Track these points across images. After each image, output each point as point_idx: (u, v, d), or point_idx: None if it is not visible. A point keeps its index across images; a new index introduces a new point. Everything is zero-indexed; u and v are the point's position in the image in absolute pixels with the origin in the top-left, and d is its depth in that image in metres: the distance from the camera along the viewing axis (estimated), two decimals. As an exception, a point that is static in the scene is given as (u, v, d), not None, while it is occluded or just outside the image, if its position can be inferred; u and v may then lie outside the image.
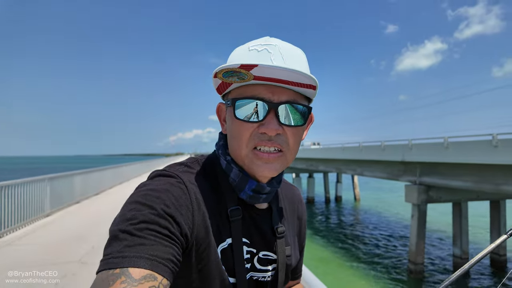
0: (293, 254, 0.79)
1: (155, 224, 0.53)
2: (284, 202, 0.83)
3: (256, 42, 0.65)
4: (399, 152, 13.15)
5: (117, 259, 0.49)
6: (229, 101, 0.65)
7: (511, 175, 9.26)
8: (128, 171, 18.70)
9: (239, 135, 0.64)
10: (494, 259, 13.53)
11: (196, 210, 0.61)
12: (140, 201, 0.57)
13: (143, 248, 0.50)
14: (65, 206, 8.92)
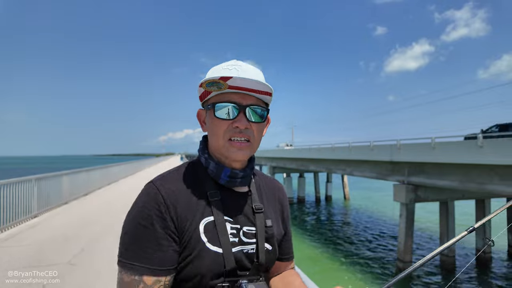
0: (275, 226, 0.93)
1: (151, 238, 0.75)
2: (263, 188, 0.99)
3: (227, 63, 0.85)
4: (388, 152, 13.35)
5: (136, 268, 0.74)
6: (210, 105, 0.84)
7: (495, 174, 9.51)
8: (118, 171, 18.48)
9: (218, 130, 0.83)
10: (480, 256, 13.85)
11: (171, 207, 0.77)
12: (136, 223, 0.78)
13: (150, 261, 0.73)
14: (53, 207, 8.77)
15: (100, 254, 4.84)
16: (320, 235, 18.99)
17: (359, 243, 17.37)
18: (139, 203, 0.79)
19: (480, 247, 13.88)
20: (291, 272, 1.02)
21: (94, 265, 4.31)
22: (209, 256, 0.76)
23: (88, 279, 3.87)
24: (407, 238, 12.87)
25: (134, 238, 0.76)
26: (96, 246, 5.29)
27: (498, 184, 9.50)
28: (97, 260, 4.54)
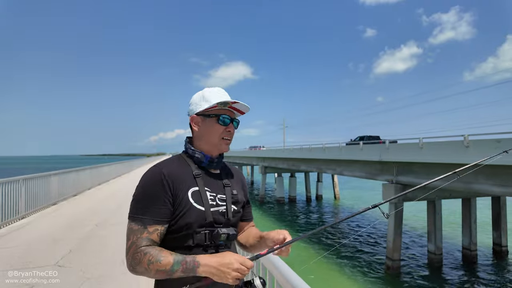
0: (239, 195, 1.33)
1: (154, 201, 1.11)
2: (230, 172, 1.39)
3: (221, 90, 1.31)
4: (377, 152, 13.53)
5: (143, 219, 1.09)
6: (213, 115, 1.25)
7: (481, 174, 9.74)
8: (108, 171, 18.30)
9: (217, 132, 1.26)
10: (466, 254, 14.17)
11: (169, 181, 1.14)
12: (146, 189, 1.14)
13: (152, 215, 1.10)
14: (41, 207, 8.67)
15: (88, 255, 4.82)
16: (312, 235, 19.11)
17: (349, 242, 17.56)
18: (148, 177, 1.15)
19: (466, 245, 14.18)
20: (252, 227, 1.45)
21: (82, 267, 4.29)
22: (195, 212, 1.14)
23: (76, 280, 3.86)
24: (396, 236, 13.06)
25: (143, 199, 1.12)
26: (85, 247, 5.27)
27: (484, 183, 9.73)
28: (86, 262, 4.52)
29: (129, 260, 1.08)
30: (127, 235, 1.10)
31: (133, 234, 1.08)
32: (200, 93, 1.30)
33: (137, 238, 1.07)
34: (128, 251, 1.08)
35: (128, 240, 1.09)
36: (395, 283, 12.13)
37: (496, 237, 15.07)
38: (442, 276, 12.65)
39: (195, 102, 1.29)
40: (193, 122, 1.29)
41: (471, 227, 14.04)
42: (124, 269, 4.22)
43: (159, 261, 1.03)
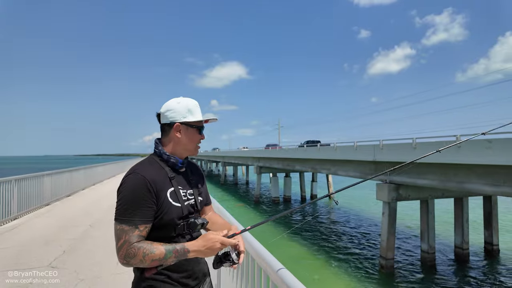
0: (202, 189, 1.59)
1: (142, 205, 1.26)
2: (193, 169, 1.61)
3: (197, 104, 1.50)
4: (371, 152, 13.62)
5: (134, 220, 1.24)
6: (194, 126, 1.46)
7: (472, 173, 9.87)
8: (102, 171, 18.18)
9: (196, 140, 1.50)
10: (458, 253, 14.35)
11: (153, 186, 1.30)
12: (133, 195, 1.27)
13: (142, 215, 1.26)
14: (34, 208, 8.60)
15: (82, 256, 4.80)
16: (305, 234, 19.20)
17: (343, 241, 17.67)
18: (133, 184, 1.28)
19: (459, 244, 14.36)
20: (215, 214, 1.69)
21: (76, 268, 4.28)
22: (175, 209, 1.35)
23: (69, 281, 3.84)
24: (390, 235, 13.17)
25: (131, 203, 1.25)
26: (79, 248, 5.24)
27: (476, 183, 9.85)
28: (80, 263, 4.50)
29: (122, 256, 1.21)
30: (118, 235, 1.23)
31: (124, 233, 1.23)
32: (184, 103, 1.45)
33: (129, 236, 1.22)
34: (121, 248, 1.22)
35: (120, 239, 1.23)
36: (389, 282, 12.24)
37: (488, 236, 15.28)
38: (434, 275, 12.79)
39: (179, 111, 1.44)
40: (176, 130, 1.44)
41: (463, 226, 14.21)
42: (119, 270, 4.22)
43: (152, 252, 1.21)
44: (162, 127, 1.49)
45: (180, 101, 1.45)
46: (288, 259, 14.51)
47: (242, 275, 2.23)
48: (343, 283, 12.15)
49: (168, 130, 1.45)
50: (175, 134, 1.44)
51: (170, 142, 1.46)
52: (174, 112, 1.43)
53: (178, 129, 1.44)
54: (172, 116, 1.43)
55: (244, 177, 56.64)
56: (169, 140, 1.46)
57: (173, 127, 1.43)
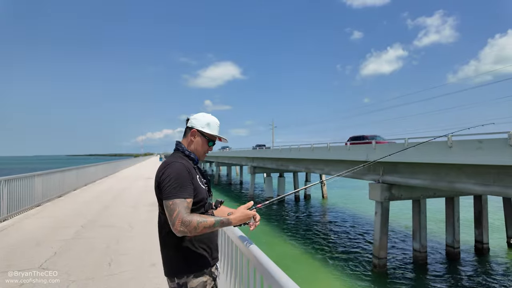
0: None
1: (187, 183, 1.61)
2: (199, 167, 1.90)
3: (218, 123, 1.89)
4: (364, 152, 13.72)
5: (185, 195, 1.57)
6: (207, 138, 1.86)
7: (463, 173, 10.01)
8: (94, 172, 17.99)
9: (205, 148, 1.87)
10: (449, 251, 14.53)
11: (189, 170, 1.65)
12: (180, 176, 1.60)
13: (189, 192, 1.60)
14: (24, 209, 8.47)
15: (74, 258, 4.74)
16: (300, 234, 19.26)
17: (337, 240, 17.77)
18: (177, 169, 1.60)
19: (450, 243, 14.55)
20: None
21: (68, 269, 4.23)
22: (203, 190, 1.73)
23: (61, 283, 3.80)
24: (382, 235, 13.28)
25: (178, 183, 1.56)
26: (70, 249, 5.18)
27: (466, 182, 9.99)
28: (71, 264, 4.45)
29: (178, 224, 1.48)
30: (172, 209, 1.51)
31: (177, 206, 1.51)
32: (207, 118, 1.85)
33: (182, 208, 1.51)
34: (176, 218, 1.48)
35: (174, 211, 1.50)
36: (381, 281, 12.34)
37: (478, 235, 15.50)
38: (426, 273, 12.94)
39: (200, 122, 1.83)
40: (192, 134, 1.83)
41: (454, 225, 14.40)
42: (111, 271, 4.18)
43: (205, 221, 1.52)
44: (185, 130, 1.88)
45: (205, 115, 1.86)
46: (282, 258, 14.55)
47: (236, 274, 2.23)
48: (336, 283, 12.21)
49: (187, 132, 1.84)
50: (190, 137, 1.82)
51: (187, 143, 1.84)
52: (197, 121, 1.83)
53: (194, 134, 1.82)
54: (194, 123, 1.83)
55: (238, 177, 56.57)
56: (187, 141, 1.84)
57: (191, 131, 1.82)
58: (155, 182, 1.66)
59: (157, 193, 1.65)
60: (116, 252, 4.97)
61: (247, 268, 1.94)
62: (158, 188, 1.62)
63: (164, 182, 1.57)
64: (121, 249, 5.15)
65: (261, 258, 1.64)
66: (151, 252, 4.87)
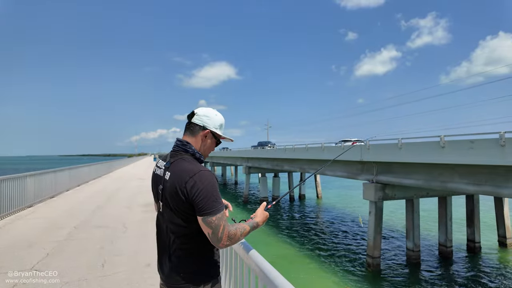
0: None
1: (219, 194, 1.47)
2: None
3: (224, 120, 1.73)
4: (358, 152, 13.80)
5: (221, 208, 1.45)
6: (217, 139, 1.70)
7: (456, 173, 10.12)
8: (88, 172, 17.82)
9: (212, 148, 1.71)
10: (442, 250, 14.68)
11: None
12: (214, 187, 1.47)
13: (222, 203, 1.48)
14: (15, 210, 8.36)
15: (67, 259, 4.69)
16: (294, 234, 19.31)
17: (331, 240, 17.84)
18: (209, 179, 1.44)
19: (442, 242, 14.70)
20: None
21: (60, 271, 4.18)
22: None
23: (53, 284, 3.76)
24: (376, 234, 13.37)
25: (215, 193, 1.43)
26: (63, 250, 5.13)
27: (459, 182, 10.11)
28: (64, 265, 4.40)
29: (226, 239, 1.42)
30: (217, 224, 1.41)
31: (221, 220, 1.42)
32: (220, 117, 1.69)
33: (225, 221, 1.44)
34: (223, 232, 1.41)
35: (219, 226, 1.41)
36: (375, 280, 12.43)
37: (470, 234, 15.70)
38: (419, 272, 13.06)
39: (214, 122, 1.66)
40: (204, 134, 1.64)
41: (447, 225, 14.56)
42: (105, 272, 4.15)
43: (245, 230, 1.52)
44: (191, 125, 1.65)
45: (217, 114, 1.69)
46: (277, 258, 14.57)
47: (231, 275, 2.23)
48: (330, 282, 12.27)
49: (197, 131, 1.63)
50: (203, 137, 1.64)
51: (197, 143, 1.63)
52: (210, 120, 1.64)
53: (206, 135, 1.64)
54: (208, 122, 1.64)
55: (233, 177, 56.49)
56: (197, 141, 1.63)
57: (203, 131, 1.63)
58: (178, 189, 1.44)
59: (179, 204, 1.45)
60: (110, 253, 4.93)
61: (242, 269, 1.94)
62: (183, 198, 1.43)
63: (201, 196, 1.40)
64: (115, 249, 5.11)
65: (257, 259, 1.64)
66: (145, 252, 4.83)
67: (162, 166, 1.61)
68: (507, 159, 8.00)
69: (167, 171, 1.53)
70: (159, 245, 1.63)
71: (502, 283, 12.14)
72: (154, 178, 1.65)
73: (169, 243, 1.54)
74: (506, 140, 8.03)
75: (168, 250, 1.54)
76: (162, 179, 1.55)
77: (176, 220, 1.49)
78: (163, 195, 1.53)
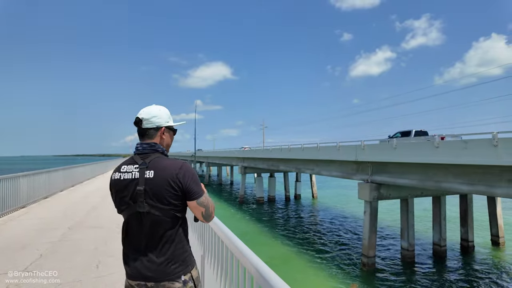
0: None
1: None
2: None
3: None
4: (353, 152, 13.86)
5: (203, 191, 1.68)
6: (172, 129, 1.82)
7: (450, 173, 10.21)
8: (82, 172, 17.69)
9: (172, 140, 1.83)
10: (436, 249, 14.80)
11: None
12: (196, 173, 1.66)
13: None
14: (8, 211, 8.26)
15: (61, 260, 4.65)
16: (290, 233, 19.33)
17: (326, 240, 17.90)
18: (192, 168, 1.64)
19: (437, 241, 14.82)
20: None
21: (54, 272, 4.13)
22: None
23: (47, 286, 3.72)
24: (371, 234, 13.44)
25: (198, 179, 1.66)
26: (57, 251, 5.08)
27: (452, 182, 10.20)
28: (58, 266, 4.36)
29: (213, 211, 1.71)
30: (207, 202, 1.66)
31: (208, 199, 1.67)
32: (165, 110, 1.77)
33: (209, 199, 1.69)
34: (212, 206, 1.69)
35: (209, 202, 1.67)
36: (370, 279, 12.49)
37: (464, 233, 15.85)
38: (414, 271, 13.15)
39: (163, 118, 1.73)
40: (163, 133, 1.73)
41: (441, 224, 14.68)
42: (99, 273, 4.11)
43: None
44: (145, 131, 1.69)
45: (161, 108, 1.75)
46: (273, 258, 14.57)
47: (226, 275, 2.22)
48: (326, 282, 12.30)
49: (154, 133, 1.70)
50: (161, 136, 1.72)
51: (158, 142, 1.72)
52: (160, 119, 1.71)
53: (163, 132, 1.73)
54: (159, 121, 1.70)
55: (228, 178, 56.41)
56: (157, 140, 1.71)
57: (159, 130, 1.71)
58: (170, 182, 1.54)
59: (170, 195, 1.54)
60: (104, 254, 4.89)
61: (238, 269, 1.94)
62: (177, 188, 1.55)
63: (192, 183, 1.59)
64: (109, 250, 5.08)
65: (252, 259, 1.64)
66: (140, 253, 4.80)
67: (132, 169, 1.60)
68: (500, 159, 8.09)
69: (146, 170, 1.56)
70: (136, 248, 1.60)
71: (495, 282, 12.27)
72: (120, 183, 1.60)
73: (154, 239, 1.57)
74: (499, 140, 8.12)
75: (155, 246, 1.57)
76: (139, 180, 1.56)
77: (165, 213, 1.56)
78: (145, 193, 1.54)
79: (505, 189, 8.62)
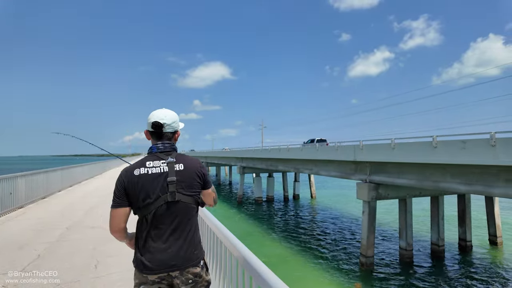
0: None
1: None
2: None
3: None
4: (351, 152, 13.88)
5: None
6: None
7: (448, 173, 10.24)
8: (80, 172, 17.64)
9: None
10: (434, 249, 14.84)
11: None
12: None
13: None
14: (6, 211, 8.23)
15: (59, 260, 4.64)
16: (288, 233, 19.34)
17: (325, 240, 17.92)
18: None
19: (435, 241, 14.86)
20: None
21: (52, 272, 4.12)
22: None
23: (45, 286, 3.71)
24: (370, 234, 13.46)
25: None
26: (55, 251, 5.06)
27: (450, 182, 10.23)
28: (56, 267, 4.35)
29: (217, 198, 1.99)
30: (214, 188, 1.95)
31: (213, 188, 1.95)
32: (177, 116, 1.90)
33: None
34: (216, 194, 1.99)
35: (214, 191, 1.96)
36: (369, 279, 12.51)
37: (462, 233, 15.89)
38: (412, 271, 13.19)
39: (178, 122, 1.91)
40: (178, 135, 1.94)
41: (439, 224, 14.72)
42: (98, 273, 4.10)
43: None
44: (166, 134, 1.84)
45: (175, 114, 1.90)
46: (272, 257, 14.57)
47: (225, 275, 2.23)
48: (324, 281, 12.32)
49: (172, 135, 1.88)
50: (175, 137, 1.92)
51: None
52: (177, 123, 1.91)
53: (178, 135, 1.95)
54: (177, 126, 1.90)
55: (227, 178, 56.40)
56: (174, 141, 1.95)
57: (176, 133, 1.92)
58: (196, 173, 1.78)
59: (196, 184, 1.78)
60: (103, 254, 4.88)
61: (236, 270, 1.94)
62: (201, 178, 1.80)
63: (207, 175, 1.85)
64: (108, 250, 5.06)
65: (250, 258, 1.64)
66: (138, 253, 4.79)
67: (159, 164, 1.73)
68: (497, 159, 8.12)
69: (176, 164, 1.74)
70: (163, 239, 1.69)
71: (492, 281, 12.31)
72: (148, 177, 1.69)
73: (181, 227, 1.72)
74: (497, 140, 8.15)
75: (181, 234, 1.72)
76: (169, 172, 1.70)
77: (192, 200, 1.76)
78: (177, 184, 1.70)
79: (503, 189, 8.66)
